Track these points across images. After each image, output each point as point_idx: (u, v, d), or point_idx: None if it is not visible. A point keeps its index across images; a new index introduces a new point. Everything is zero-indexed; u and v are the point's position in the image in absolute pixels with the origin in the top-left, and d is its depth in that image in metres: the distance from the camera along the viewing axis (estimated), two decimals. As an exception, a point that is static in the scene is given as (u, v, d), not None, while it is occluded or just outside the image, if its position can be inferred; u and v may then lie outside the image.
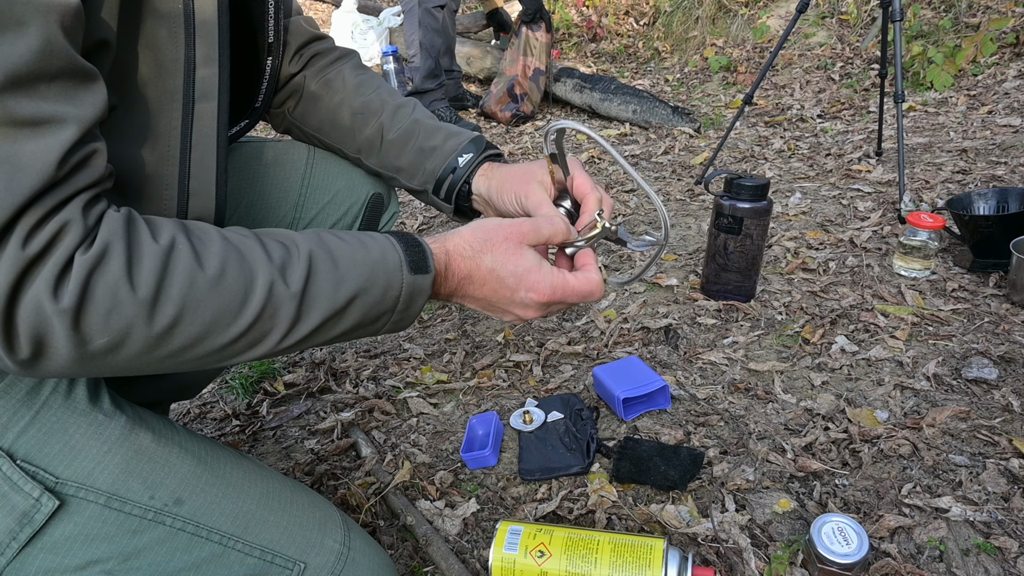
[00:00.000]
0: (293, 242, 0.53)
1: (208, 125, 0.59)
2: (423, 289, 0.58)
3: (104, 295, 0.43)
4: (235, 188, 0.86)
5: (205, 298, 0.47)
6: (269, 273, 0.50)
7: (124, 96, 0.54)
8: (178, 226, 0.49)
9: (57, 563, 0.53)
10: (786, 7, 3.75)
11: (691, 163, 2.38)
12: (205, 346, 0.48)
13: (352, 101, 0.84)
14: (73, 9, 0.43)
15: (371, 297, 0.55)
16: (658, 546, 0.72)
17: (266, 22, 0.74)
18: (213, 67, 0.58)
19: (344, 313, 0.54)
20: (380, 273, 0.55)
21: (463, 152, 0.79)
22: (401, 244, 0.58)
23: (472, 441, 1.03)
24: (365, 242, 0.57)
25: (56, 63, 0.42)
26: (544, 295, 0.62)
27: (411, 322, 0.61)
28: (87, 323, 0.43)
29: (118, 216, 0.45)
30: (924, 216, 1.39)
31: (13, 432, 0.52)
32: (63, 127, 0.42)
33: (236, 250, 0.50)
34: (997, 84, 2.72)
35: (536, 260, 0.62)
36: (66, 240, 0.42)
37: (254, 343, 0.51)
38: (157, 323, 0.45)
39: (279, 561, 0.60)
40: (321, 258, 0.53)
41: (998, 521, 0.82)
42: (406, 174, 0.83)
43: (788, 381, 1.13)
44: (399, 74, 3.27)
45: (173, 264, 0.46)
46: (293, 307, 0.51)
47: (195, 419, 1.24)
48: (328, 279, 0.53)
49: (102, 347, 0.44)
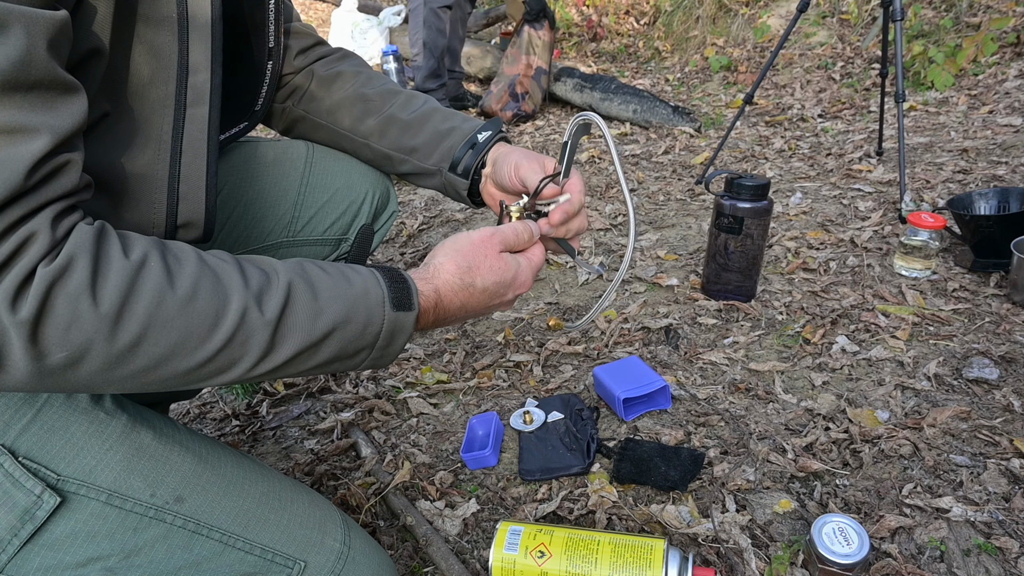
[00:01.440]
0: (274, 269, 0.53)
1: (199, 130, 0.59)
2: (405, 326, 0.58)
3: (64, 308, 0.42)
4: (234, 187, 0.86)
5: (172, 318, 0.46)
6: (244, 299, 0.49)
7: (117, 102, 0.54)
8: (153, 244, 0.48)
9: (58, 560, 0.53)
10: (787, 7, 3.75)
11: (691, 163, 2.38)
12: (170, 368, 0.47)
13: (365, 88, 0.87)
14: (58, 22, 0.43)
15: (350, 332, 0.54)
16: (658, 546, 0.72)
17: (267, 28, 0.75)
18: (206, 73, 0.58)
19: (320, 346, 0.53)
20: (361, 308, 0.55)
21: (483, 130, 0.82)
22: (386, 280, 0.58)
23: (472, 441, 1.03)
24: (348, 275, 0.56)
25: (35, 73, 0.41)
26: (526, 286, 0.68)
27: (392, 359, 0.60)
28: (44, 336, 0.42)
29: (89, 229, 0.45)
30: (925, 216, 1.39)
31: (15, 429, 0.52)
32: (35, 137, 0.42)
33: (212, 272, 0.49)
34: (998, 84, 2.72)
35: (514, 262, 0.66)
36: (31, 251, 0.41)
37: (223, 369, 0.50)
38: (119, 340, 0.44)
39: (279, 560, 0.60)
40: (300, 288, 0.52)
41: (999, 521, 0.82)
42: (420, 154, 0.84)
43: (789, 381, 1.13)
44: (399, 74, 3.27)
45: (141, 281, 0.45)
46: (266, 335, 0.50)
47: (195, 419, 1.24)
48: (306, 310, 0.52)
49: (60, 362, 0.43)
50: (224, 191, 0.86)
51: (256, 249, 0.89)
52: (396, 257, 1.88)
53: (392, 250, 1.93)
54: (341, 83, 0.87)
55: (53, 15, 0.42)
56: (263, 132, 2.73)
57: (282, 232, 0.90)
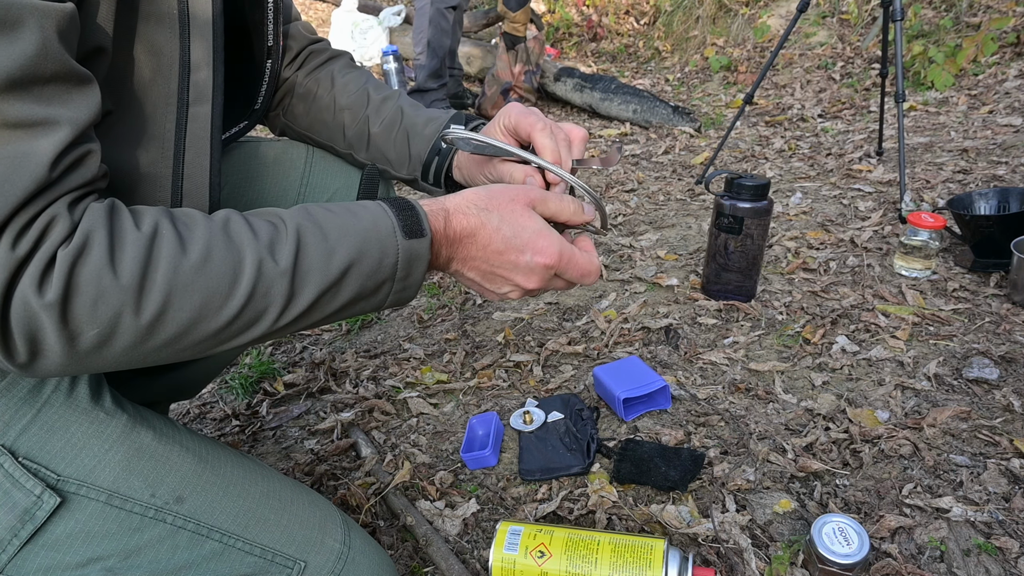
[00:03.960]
0: (280, 218, 0.52)
1: (202, 128, 0.59)
2: (421, 254, 0.56)
3: (88, 285, 0.42)
4: (234, 187, 0.86)
5: (192, 282, 0.46)
6: (256, 252, 0.49)
7: (119, 100, 0.54)
8: (162, 213, 0.48)
9: (58, 560, 0.53)
10: (787, 6, 3.75)
11: (691, 163, 2.38)
12: (200, 331, 0.48)
13: (339, 98, 0.85)
14: (68, 13, 0.43)
15: (366, 266, 0.54)
16: (658, 546, 0.72)
17: (265, 27, 0.75)
18: (208, 71, 0.58)
19: (340, 285, 0.53)
20: (373, 241, 0.54)
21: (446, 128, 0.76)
22: (393, 209, 0.56)
23: (472, 441, 1.03)
24: (355, 211, 0.55)
25: (51, 66, 0.42)
26: (552, 258, 0.59)
27: (415, 291, 0.58)
28: (74, 315, 0.43)
29: (100, 207, 0.45)
30: (925, 216, 1.39)
31: (15, 430, 0.52)
32: (56, 129, 0.42)
33: (222, 232, 0.49)
34: (998, 84, 2.72)
35: (543, 224, 0.60)
36: (51, 237, 0.42)
37: (250, 324, 0.50)
38: (145, 310, 0.45)
39: (279, 560, 0.60)
40: (309, 231, 0.52)
41: (999, 521, 0.82)
42: (395, 164, 0.83)
43: (789, 381, 1.13)
44: (399, 74, 3.27)
45: (156, 250, 0.45)
46: (285, 283, 0.50)
47: (195, 419, 1.24)
48: (318, 252, 0.51)
49: (93, 340, 0.44)
50: (224, 191, 0.86)
51: None
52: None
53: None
54: (318, 94, 0.86)
55: (62, 7, 0.42)
56: (263, 132, 2.73)
57: (282, 232, 0.90)
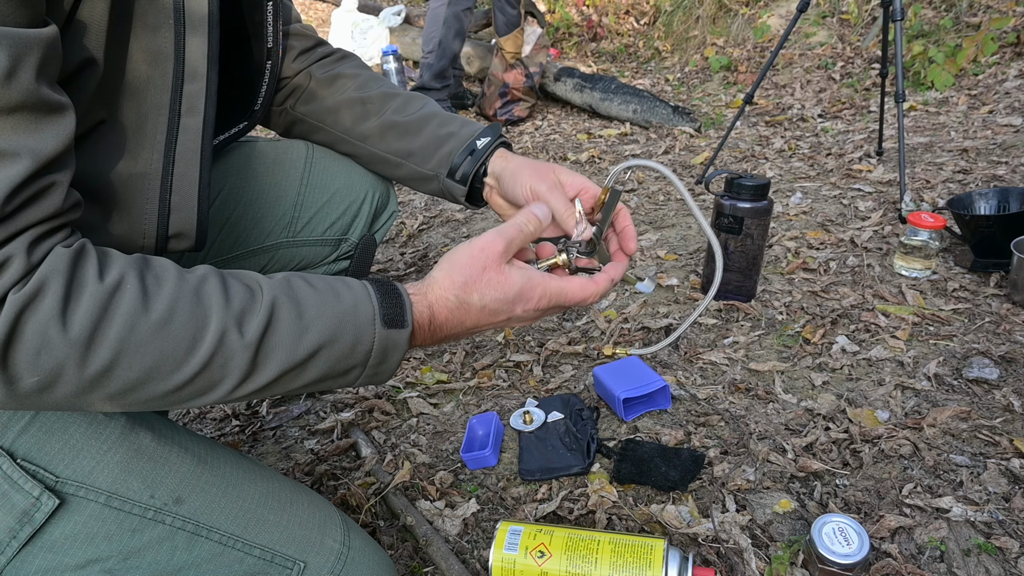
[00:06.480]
0: (259, 286, 0.51)
1: (193, 139, 0.59)
2: (398, 344, 0.55)
3: (33, 334, 0.42)
4: (233, 187, 0.86)
5: (146, 343, 0.45)
6: (223, 320, 0.48)
7: (112, 108, 0.53)
8: (133, 264, 0.47)
9: (57, 562, 0.53)
10: (787, 6, 3.74)
11: (692, 163, 2.38)
12: (147, 391, 0.47)
13: (363, 90, 0.86)
14: (45, 40, 0.42)
15: (338, 350, 0.52)
16: (658, 546, 0.72)
17: (264, 29, 0.75)
18: (201, 81, 0.57)
19: (306, 365, 0.52)
20: (349, 325, 0.53)
21: (481, 136, 0.81)
22: (378, 295, 0.55)
23: (472, 441, 1.03)
24: (338, 291, 0.54)
25: (16, 97, 0.41)
26: (543, 300, 0.61)
27: (389, 376, 0.58)
28: (14, 361, 0.42)
29: (65, 252, 0.44)
30: (925, 216, 1.39)
31: (13, 431, 0.52)
32: (14, 161, 0.41)
33: (192, 293, 0.48)
34: (998, 84, 2.72)
35: (522, 277, 0.60)
36: (3, 277, 0.41)
37: (204, 391, 0.49)
38: (90, 366, 0.44)
39: (279, 560, 0.60)
40: (284, 307, 0.51)
41: (999, 521, 0.82)
42: (418, 158, 0.84)
43: (789, 381, 1.13)
44: (399, 74, 3.27)
45: (114, 305, 0.44)
46: (247, 357, 0.49)
47: (195, 419, 1.24)
48: (289, 329, 0.50)
49: (32, 386, 0.43)
50: (223, 191, 0.86)
51: (256, 249, 0.89)
52: (396, 257, 1.88)
53: (392, 250, 1.93)
54: (340, 85, 0.87)
55: (39, 34, 0.41)
56: (263, 132, 2.73)
57: (282, 232, 0.90)
